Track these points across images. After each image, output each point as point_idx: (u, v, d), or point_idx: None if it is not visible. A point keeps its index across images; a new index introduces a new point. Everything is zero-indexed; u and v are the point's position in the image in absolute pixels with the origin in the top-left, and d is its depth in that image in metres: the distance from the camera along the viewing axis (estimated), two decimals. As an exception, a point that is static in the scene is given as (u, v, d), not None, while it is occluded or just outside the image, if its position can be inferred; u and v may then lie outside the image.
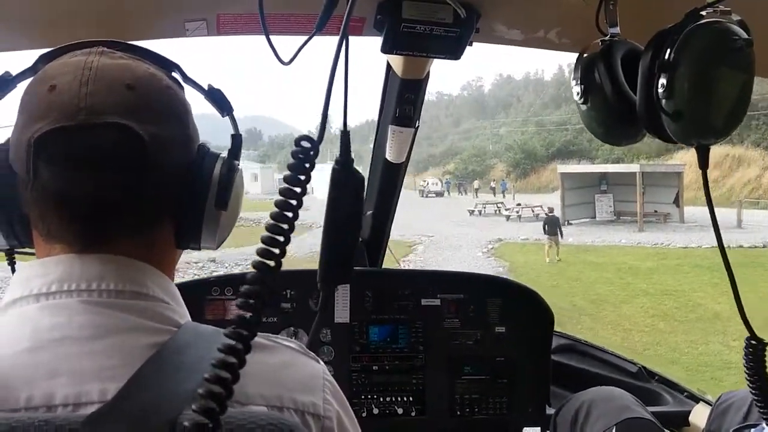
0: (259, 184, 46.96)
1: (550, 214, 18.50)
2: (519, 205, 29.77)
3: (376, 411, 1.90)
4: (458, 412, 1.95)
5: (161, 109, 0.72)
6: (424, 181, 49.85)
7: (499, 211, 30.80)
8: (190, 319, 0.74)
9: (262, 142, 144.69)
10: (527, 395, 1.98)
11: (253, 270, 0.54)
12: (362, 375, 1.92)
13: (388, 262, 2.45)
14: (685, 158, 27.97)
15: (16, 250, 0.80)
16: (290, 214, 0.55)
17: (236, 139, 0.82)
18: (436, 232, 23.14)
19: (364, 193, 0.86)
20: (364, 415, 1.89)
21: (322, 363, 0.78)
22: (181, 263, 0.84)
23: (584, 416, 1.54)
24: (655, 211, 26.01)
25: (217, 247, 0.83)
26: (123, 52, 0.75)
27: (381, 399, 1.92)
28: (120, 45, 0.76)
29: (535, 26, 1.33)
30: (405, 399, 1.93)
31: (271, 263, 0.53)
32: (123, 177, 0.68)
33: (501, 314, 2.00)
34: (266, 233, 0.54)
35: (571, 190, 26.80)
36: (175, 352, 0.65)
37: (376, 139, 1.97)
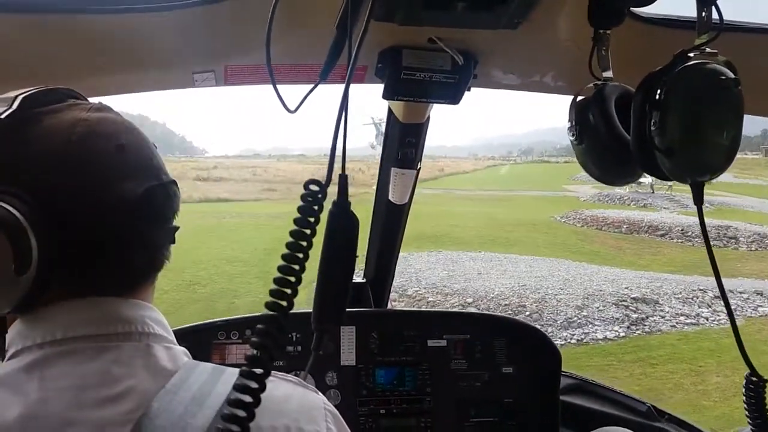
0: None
1: None
2: None
3: None
4: None
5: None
6: None
7: None
8: (189, 354, 0.76)
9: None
10: None
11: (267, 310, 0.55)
12: (369, 419, 1.90)
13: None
14: None
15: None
16: (301, 255, 0.56)
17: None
18: None
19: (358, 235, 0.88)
20: None
21: (321, 394, 0.81)
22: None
23: None
24: None
25: None
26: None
27: None
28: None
29: (531, 71, 1.37)
30: None
31: (284, 303, 0.55)
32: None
33: (508, 354, 1.99)
34: (279, 274, 0.55)
35: None
36: (183, 390, 0.66)
37: (379, 181, 2.01)
